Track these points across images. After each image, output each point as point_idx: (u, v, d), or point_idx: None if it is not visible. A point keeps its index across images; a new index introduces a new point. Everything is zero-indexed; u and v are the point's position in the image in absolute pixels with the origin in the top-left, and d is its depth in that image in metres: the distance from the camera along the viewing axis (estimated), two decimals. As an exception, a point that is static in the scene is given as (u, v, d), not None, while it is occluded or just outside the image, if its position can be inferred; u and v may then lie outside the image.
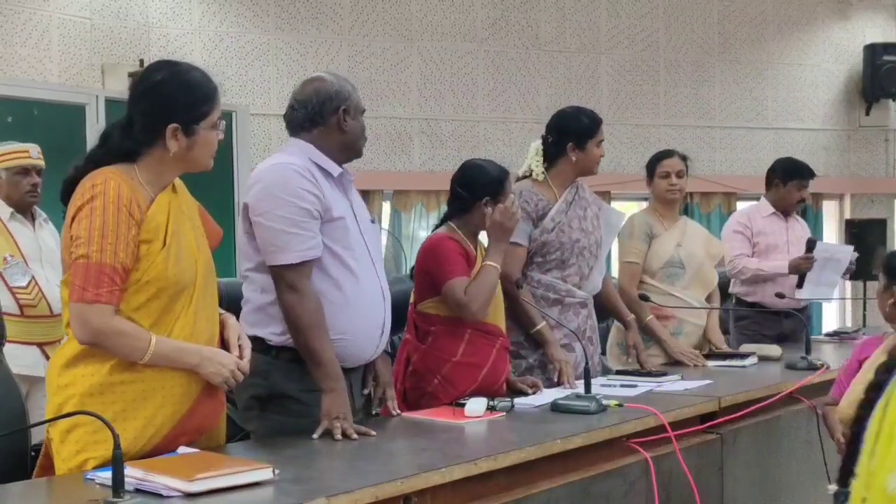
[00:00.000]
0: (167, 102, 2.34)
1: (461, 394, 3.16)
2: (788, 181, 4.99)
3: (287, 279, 2.68)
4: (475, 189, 3.34)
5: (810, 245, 4.81)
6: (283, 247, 2.67)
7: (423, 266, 3.31)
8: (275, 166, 2.75)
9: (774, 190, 5.04)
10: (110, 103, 5.86)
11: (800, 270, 4.79)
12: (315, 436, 2.60)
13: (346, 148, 2.86)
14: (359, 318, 2.78)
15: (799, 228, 5.09)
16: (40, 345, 4.10)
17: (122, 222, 2.25)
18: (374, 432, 2.65)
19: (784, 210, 5.02)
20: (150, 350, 2.26)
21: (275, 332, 2.73)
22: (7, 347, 2.91)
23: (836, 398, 3.16)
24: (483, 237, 3.41)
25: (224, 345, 2.46)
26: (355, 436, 2.61)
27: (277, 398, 2.74)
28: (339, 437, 2.59)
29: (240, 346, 2.46)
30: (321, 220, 2.72)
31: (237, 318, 2.63)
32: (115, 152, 2.36)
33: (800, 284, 4.79)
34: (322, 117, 2.82)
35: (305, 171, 2.71)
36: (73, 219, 2.29)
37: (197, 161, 2.41)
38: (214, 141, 2.41)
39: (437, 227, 3.47)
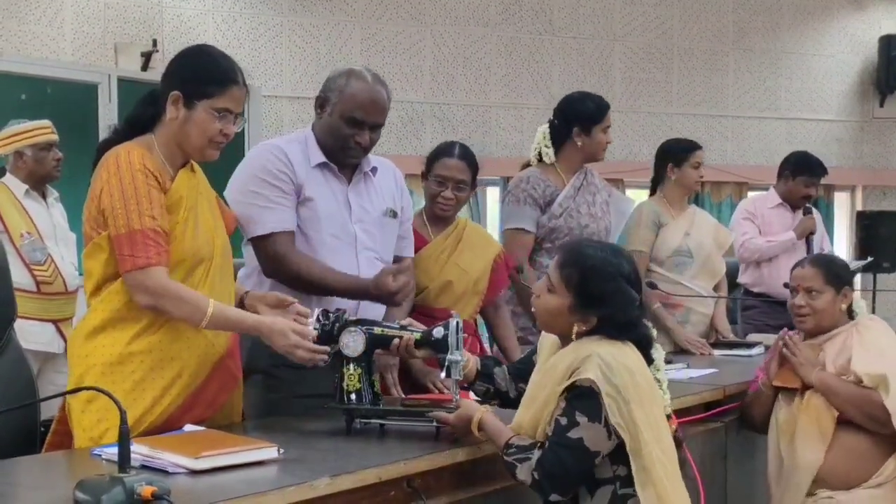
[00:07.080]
0: (181, 71, 2.43)
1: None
2: (797, 175, 4.96)
3: (264, 250, 2.76)
4: None
5: (807, 211, 4.93)
6: (254, 219, 2.75)
7: None
8: (254, 148, 2.91)
9: (783, 181, 5.01)
10: (123, 82, 5.87)
11: (807, 231, 4.86)
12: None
13: (322, 140, 2.87)
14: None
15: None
16: (55, 322, 4.13)
17: (153, 188, 2.32)
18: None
19: (791, 203, 5.01)
20: (207, 316, 2.31)
21: None
22: (23, 324, 2.94)
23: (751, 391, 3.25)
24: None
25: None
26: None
27: (250, 373, 2.75)
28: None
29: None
30: (296, 197, 2.78)
31: None
32: (140, 117, 2.45)
33: (809, 250, 4.84)
34: (315, 103, 2.90)
35: (279, 150, 2.79)
36: (100, 192, 2.33)
37: (189, 138, 2.40)
38: (210, 127, 2.39)
39: None
